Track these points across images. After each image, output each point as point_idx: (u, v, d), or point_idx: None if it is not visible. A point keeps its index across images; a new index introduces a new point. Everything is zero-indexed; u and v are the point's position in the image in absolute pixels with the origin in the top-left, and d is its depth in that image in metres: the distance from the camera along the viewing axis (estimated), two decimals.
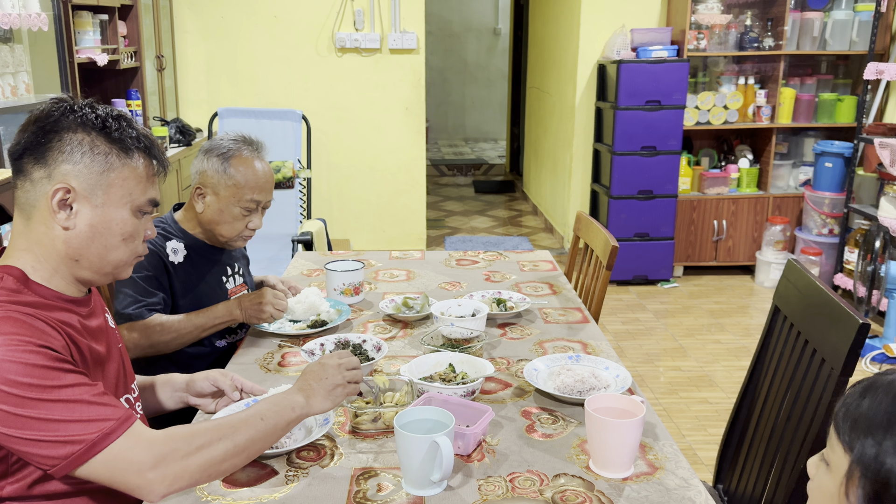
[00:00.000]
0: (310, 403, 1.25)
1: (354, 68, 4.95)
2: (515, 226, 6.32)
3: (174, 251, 1.87)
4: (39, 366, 1.03)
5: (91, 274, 1.19)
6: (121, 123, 1.16)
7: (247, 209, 1.87)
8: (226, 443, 1.13)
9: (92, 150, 1.13)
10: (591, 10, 4.84)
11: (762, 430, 1.56)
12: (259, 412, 1.19)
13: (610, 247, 2.18)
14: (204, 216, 1.88)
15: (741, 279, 4.79)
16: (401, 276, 2.35)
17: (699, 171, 4.74)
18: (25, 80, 3.22)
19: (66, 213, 1.13)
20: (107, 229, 1.16)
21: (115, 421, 1.06)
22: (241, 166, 1.85)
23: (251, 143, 1.91)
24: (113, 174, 1.15)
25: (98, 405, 1.06)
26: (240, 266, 2.06)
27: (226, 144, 1.87)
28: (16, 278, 1.12)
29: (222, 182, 1.84)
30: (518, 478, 1.25)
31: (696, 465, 2.69)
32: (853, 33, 4.52)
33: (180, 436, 1.11)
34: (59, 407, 1.03)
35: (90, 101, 1.17)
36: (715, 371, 3.49)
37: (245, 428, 1.16)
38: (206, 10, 4.84)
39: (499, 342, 1.83)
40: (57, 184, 1.12)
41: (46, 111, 1.14)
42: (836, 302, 1.38)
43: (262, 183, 1.87)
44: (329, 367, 1.29)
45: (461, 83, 10.18)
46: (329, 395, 1.27)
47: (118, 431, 1.06)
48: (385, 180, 5.16)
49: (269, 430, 1.19)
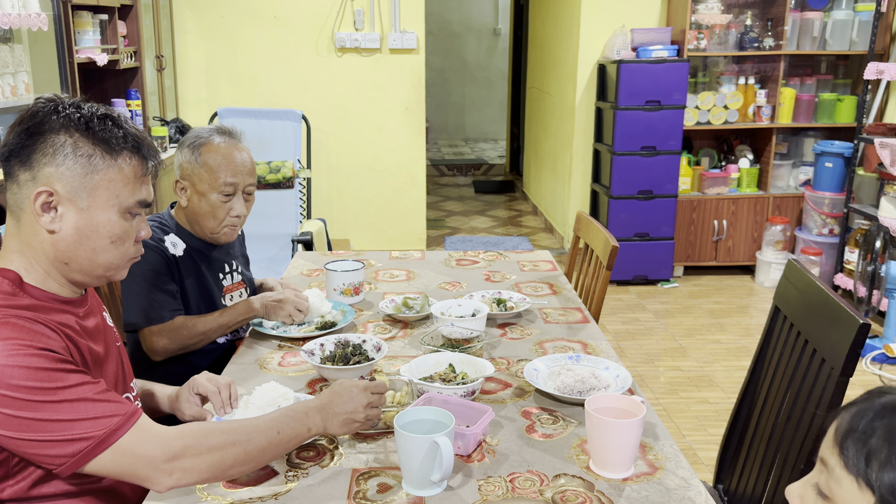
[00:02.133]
0: (326, 427, 1.25)
1: (354, 68, 4.95)
2: (515, 226, 6.32)
3: (173, 245, 1.88)
4: (42, 368, 1.03)
5: (83, 276, 1.18)
6: (106, 123, 1.14)
7: (225, 194, 1.85)
8: (238, 448, 1.13)
9: (74, 151, 1.11)
10: (591, 10, 4.84)
11: (762, 430, 1.55)
12: (277, 424, 1.19)
13: (610, 247, 2.18)
14: (188, 210, 1.89)
15: (741, 279, 4.79)
16: (401, 276, 2.35)
17: (699, 171, 4.74)
18: (25, 80, 3.22)
19: (51, 215, 1.12)
20: (94, 232, 1.14)
21: (121, 416, 1.07)
22: (212, 153, 1.84)
23: (224, 131, 1.90)
24: (97, 176, 1.13)
25: (103, 402, 1.06)
26: (238, 264, 2.07)
27: (197, 134, 1.88)
28: (11, 281, 1.12)
29: (196, 171, 1.84)
30: (518, 478, 1.25)
31: (696, 465, 2.69)
32: (853, 33, 4.52)
33: (193, 433, 1.11)
34: (65, 407, 1.03)
35: (77, 100, 1.15)
36: (715, 371, 3.49)
37: (259, 437, 1.16)
38: (206, 10, 4.84)
39: (499, 342, 1.83)
40: (40, 186, 1.10)
41: (31, 112, 1.12)
42: (836, 302, 1.38)
43: (235, 165, 1.85)
44: (358, 400, 1.27)
45: (461, 83, 10.18)
46: (346, 425, 1.27)
47: (126, 426, 1.06)
48: (385, 180, 5.16)
49: (282, 444, 1.19)
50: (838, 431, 0.79)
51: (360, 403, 1.27)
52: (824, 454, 0.81)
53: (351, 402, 1.27)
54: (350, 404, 1.27)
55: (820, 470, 0.82)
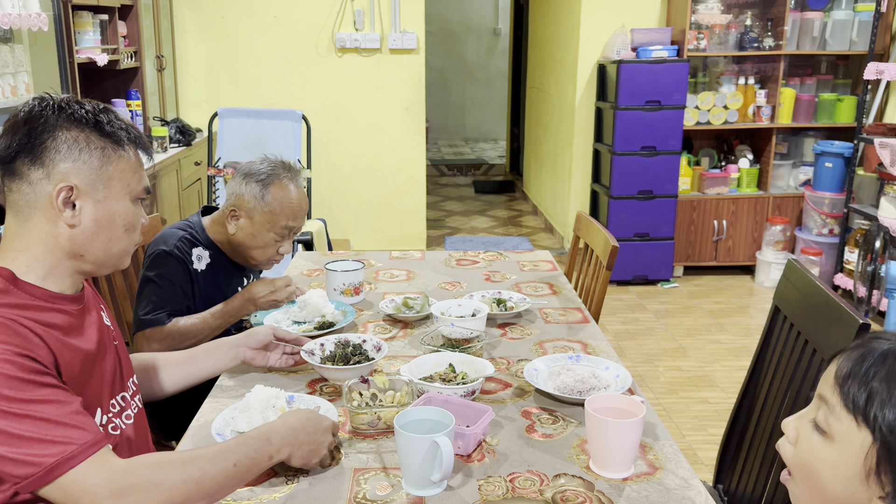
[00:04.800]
0: (291, 455, 1.21)
1: (354, 68, 4.95)
2: (515, 226, 6.33)
3: (199, 258, 1.89)
4: (13, 377, 1.01)
5: (93, 267, 1.20)
6: (110, 117, 1.18)
7: (280, 235, 1.89)
8: (189, 485, 1.07)
9: (88, 145, 1.14)
10: (591, 10, 4.84)
11: (762, 430, 1.56)
12: (234, 456, 1.13)
13: (610, 247, 2.18)
14: (236, 238, 1.90)
15: (741, 279, 4.79)
16: (401, 276, 2.35)
17: (699, 171, 4.74)
18: (25, 81, 3.22)
19: (71, 210, 1.14)
20: (111, 222, 1.18)
21: (77, 446, 1.03)
22: (280, 193, 1.87)
23: (289, 168, 1.92)
24: (111, 167, 1.17)
25: (65, 426, 1.03)
26: (255, 276, 2.10)
27: (265, 170, 1.88)
28: (4, 279, 1.11)
29: (258, 208, 1.86)
30: (518, 478, 1.25)
31: (696, 465, 2.69)
32: (853, 33, 4.52)
33: (143, 467, 1.07)
34: (27, 422, 1.01)
35: (69, 96, 1.17)
36: (715, 371, 3.49)
37: (213, 470, 1.10)
38: (207, 11, 4.84)
39: (499, 342, 1.83)
40: (59, 183, 1.12)
41: (35, 112, 1.13)
42: (836, 302, 1.38)
43: (297, 211, 1.90)
44: (323, 430, 1.26)
45: (461, 83, 10.18)
46: (309, 457, 1.23)
47: (79, 457, 1.02)
48: (385, 180, 5.16)
49: (238, 476, 1.14)
50: (839, 373, 0.83)
51: (326, 434, 1.26)
52: (824, 392, 0.84)
53: (319, 436, 1.25)
54: (319, 438, 1.24)
55: (818, 406, 0.85)
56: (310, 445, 1.23)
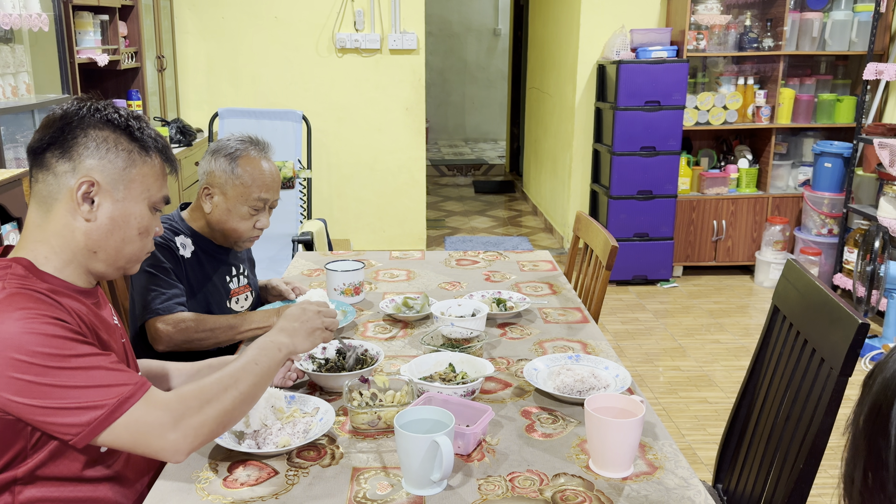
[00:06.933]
0: (293, 342, 1.32)
1: (355, 69, 4.96)
2: (515, 226, 6.33)
3: (183, 245, 1.91)
4: (58, 336, 1.07)
5: (105, 266, 1.23)
6: (141, 123, 1.23)
7: (254, 208, 1.90)
8: (232, 392, 1.18)
9: (116, 146, 1.19)
10: (590, 10, 4.84)
11: (762, 429, 1.56)
12: (252, 358, 1.24)
13: (610, 247, 2.18)
14: (212, 216, 1.91)
15: (740, 279, 4.79)
16: (401, 276, 2.36)
17: (698, 171, 4.75)
18: (26, 81, 3.23)
19: (89, 205, 1.18)
20: (125, 223, 1.21)
21: (132, 385, 1.10)
22: (249, 166, 1.89)
23: (258, 143, 1.94)
24: (134, 170, 1.21)
25: (115, 371, 1.10)
26: (244, 267, 2.09)
27: (233, 145, 1.90)
28: (24, 267, 1.16)
29: (230, 181, 1.88)
30: (518, 477, 1.26)
31: (695, 465, 2.69)
32: (852, 33, 4.52)
33: (190, 394, 1.15)
34: (79, 374, 1.07)
35: (108, 102, 1.23)
36: (714, 371, 3.50)
37: (245, 375, 1.21)
38: (207, 11, 4.85)
39: (499, 342, 1.83)
40: (82, 177, 1.16)
41: (73, 109, 1.19)
42: (835, 302, 1.38)
43: (269, 182, 1.91)
44: (309, 311, 1.37)
45: (461, 83, 10.18)
46: (309, 337, 1.35)
47: (136, 395, 1.10)
48: (385, 180, 5.16)
49: (264, 373, 1.25)
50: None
51: (315, 315, 1.37)
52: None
53: (304, 315, 1.36)
54: (306, 316, 1.36)
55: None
56: (305, 328, 1.35)
